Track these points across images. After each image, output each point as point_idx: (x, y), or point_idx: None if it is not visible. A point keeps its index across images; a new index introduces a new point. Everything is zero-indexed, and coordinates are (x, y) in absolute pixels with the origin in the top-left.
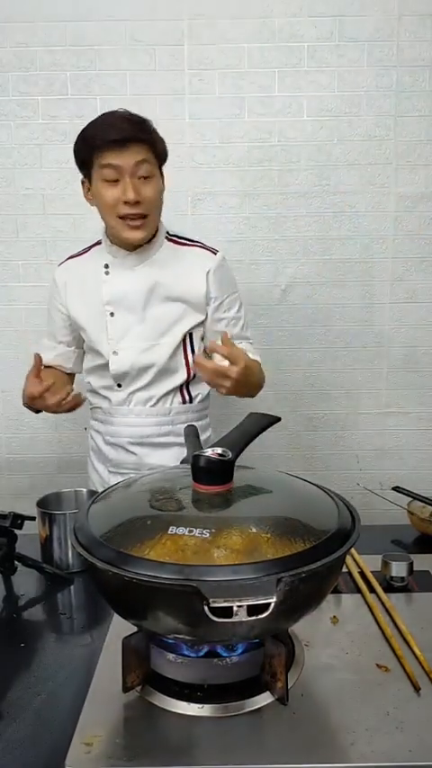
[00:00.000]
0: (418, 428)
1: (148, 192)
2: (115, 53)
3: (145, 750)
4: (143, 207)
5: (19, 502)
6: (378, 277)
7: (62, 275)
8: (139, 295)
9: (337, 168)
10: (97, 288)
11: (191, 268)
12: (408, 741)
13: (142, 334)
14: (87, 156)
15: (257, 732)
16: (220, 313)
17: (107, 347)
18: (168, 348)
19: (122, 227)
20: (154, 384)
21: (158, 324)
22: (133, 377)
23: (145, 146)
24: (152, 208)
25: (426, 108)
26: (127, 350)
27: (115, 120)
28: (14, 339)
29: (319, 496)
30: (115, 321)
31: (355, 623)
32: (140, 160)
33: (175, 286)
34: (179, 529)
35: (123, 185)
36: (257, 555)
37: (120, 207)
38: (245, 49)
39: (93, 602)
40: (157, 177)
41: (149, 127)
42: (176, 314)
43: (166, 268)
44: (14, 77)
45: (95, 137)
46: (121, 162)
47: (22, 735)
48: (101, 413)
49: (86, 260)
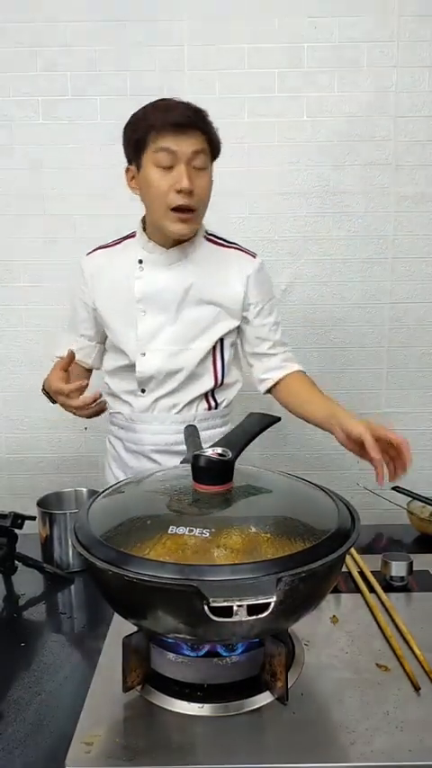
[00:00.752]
0: (418, 428)
1: (202, 183)
2: (115, 53)
3: (145, 750)
4: (195, 199)
5: (19, 502)
6: (378, 277)
7: (90, 266)
8: (173, 295)
9: (337, 168)
10: (129, 283)
11: (229, 271)
12: (408, 741)
13: (173, 337)
14: (143, 136)
15: (257, 732)
16: (262, 318)
17: (135, 347)
18: (199, 353)
19: (170, 219)
20: (180, 390)
21: (191, 327)
22: (159, 382)
23: (204, 136)
24: (202, 202)
25: (426, 108)
26: (155, 352)
27: (176, 104)
28: (14, 339)
29: (319, 496)
30: (146, 320)
31: (354, 623)
32: (198, 149)
33: (212, 288)
34: (179, 528)
35: (178, 172)
36: (257, 554)
37: (171, 196)
38: (245, 49)
39: (93, 602)
40: (209, 171)
41: (207, 117)
42: (210, 317)
43: (203, 269)
44: (14, 77)
45: (155, 117)
46: (180, 147)
47: (22, 735)
48: (121, 419)
49: (118, 252)
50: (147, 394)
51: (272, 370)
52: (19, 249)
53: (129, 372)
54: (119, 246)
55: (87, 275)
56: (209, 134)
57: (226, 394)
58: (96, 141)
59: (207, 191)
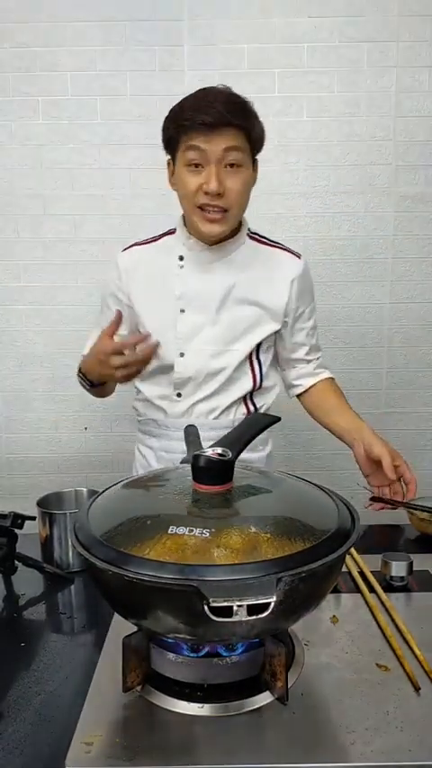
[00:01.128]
0: (418, 428)
1: (234, 183)
2: (115, 53)
3: (145, 750)
4: (224, 200)
5: (19, 502)
6: (378, 277)
7: (126, 261)
8: (214, 294)
9: (337, 168)
10: (167, 280)
11: (274, 273)
12: (408, 741)
13: (213, 338)
14: (174, 134)
15: (257, 732)
16: (301, 323)
17: (173, 347)
18: (239, 356)
19: (199, 219)
20: (219, 394)
21: (232, 328)
22: (197, 385)
23: (238, 131)
24: (235, 202)
25: (426, 108)
26: (195, 353)
27: (211, 98)
28: (14, 339)
29: (319, 496)
30: (185, 319)
31: (354, 623)
32: (230, 147)
33: (255, 290)
34: (179, 528)
35: (207, 173)
36: (257, 555)
37: (199, 196)
38: (245, 50)
39: (93, 602)
40: (246, 168)
41: (248, 110)
42: (252, 320)
43: (247, 269)
44: (14, 77)
45: (184, 115)
46: (208, 146)
47: (22, 735)
48: (154, 426)
49: (157, 248)
50: (183, 398)
51: (304, 376)
52: (19, 249)
53: (164, 375)
54: (157, 243)
55: (122, 270)
56: (247, 130)
57: (265, 398)
58: (96, 141)
59: (241, 191)
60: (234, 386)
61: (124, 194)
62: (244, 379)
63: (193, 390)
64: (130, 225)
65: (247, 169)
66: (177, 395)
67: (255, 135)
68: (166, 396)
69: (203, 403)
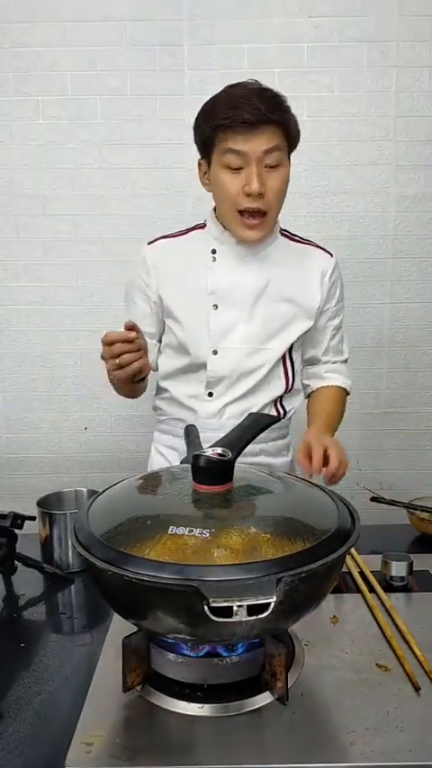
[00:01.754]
0: (418, 428)
1: (275, 183)
2: (115, 53)
3: (145, 750)
4: (265, 201)
5: (19, 502)
6: (378, 277)
7: (154, 255)
8: (249, 290)
9: (337, 168)
10: (200, 275)
11: (307, 269)
12: (408, 741)
13: (248, 335)
14: (209, 135)
15: (257, 732)
16: (325, 320)
17: (207, 344)
18: (275, 354)
19: (239, 225)
20: (253, 394)
21: (267, 326)
22: (230, 384)
23: (278, 129)
24: (275, 202)
25: (426, 108)
26: (229, 350)
27: (247, 94)
28: (14, 339)
29: (319, 496)
30: (219, 315)
31: (355, 623)
32: (272, 147)
33: (289, 287)
34: (179, 529)
35: (248, 174)
36: (257, 555)
37: (240, 199)
38: (245, 50)
39: (93, 602)
40: (285, 167)
41: (285, 105)
42: (287, 317)
43: (280, 265)
44: (14, 77)
45: (221, 114)
46: (249, 148)
47: (22, 735)
48: (180, 426)
49: (186, 242)
50: (214, 398)
51: (314, 377)
52: (19, 249)
53: (194, 374)
54: (186, 236)
55: (150, 265)
56: (285, 126)
57: (293, 402)
58: (96, 141)
59: (281, 191)
60: (267, 387)
61: (124, 194)
62: (277, 381)
63: (225, 390)
64: (130, 225)
65: (286, 168)
66: (209, 394)
67: (292, 131)
68: (196, 395)
69: (236, 403)
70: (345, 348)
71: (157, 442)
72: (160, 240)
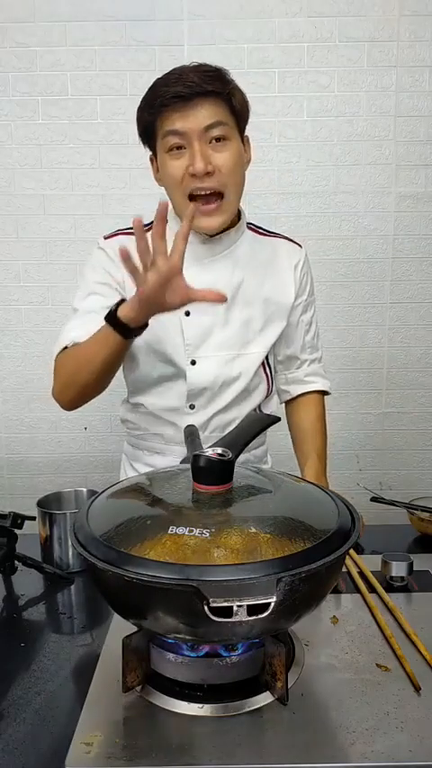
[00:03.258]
0: (418, 428)
1: (222, 159)
2: (115, 53)
3: (145, 750)
4: (215, 180)
5: (19, 502)
6: (378, 277)
7: (112, 249)
8: None
9: (337, 168)
10: None
11: (278, 264)
12: (408, 741)
13: (226, 342)
14: (149, 121)
15: (257, 732)
16: (298, 315)
17: (183, 354)
18: (256, 359)
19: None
20: (238, 403)
21: (245, 329)
22: (213, 394)
23: (219, 102)
24: (228, 181)
25: (426, 108)
26: (208, 359)
27: (181, 70)
28: (14, 339)
29: (319, 496)
30: (191, 322)
31: (355, 623)
32: (213, 122)
33: (263, 284)
34: (179, 529)
35: (190, 153)
36: (257, 555)
37: (187, 182)
38: (245, 49)
39: (93, 602)
40: (235, 141)
41: (225, 77)
42: (264, 317)
43: (251, 262)
44: (14, 77)
45: (155, 96)
46: (188, 125)
47: (22, 735)
48: (158, 441)
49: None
50: (197, 411)
51: (293, 383)
52: (19, 249)
53: (172, 386)
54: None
55: (116, 259)
56: (225, 98)
57: (271, 406)
58: (96, 141)
59: (232, 168)
60: (252, 393)
61: (124, 194)
62: (260, 386)
63: (208, 401)
64: (130, 225)
65: (236, 143)
66: (190, 407)
67: (237, 104)
68: (175, 408)
69: (221, 415)
70: (319, 344)
71: (132, 459)
72: (118, 236)
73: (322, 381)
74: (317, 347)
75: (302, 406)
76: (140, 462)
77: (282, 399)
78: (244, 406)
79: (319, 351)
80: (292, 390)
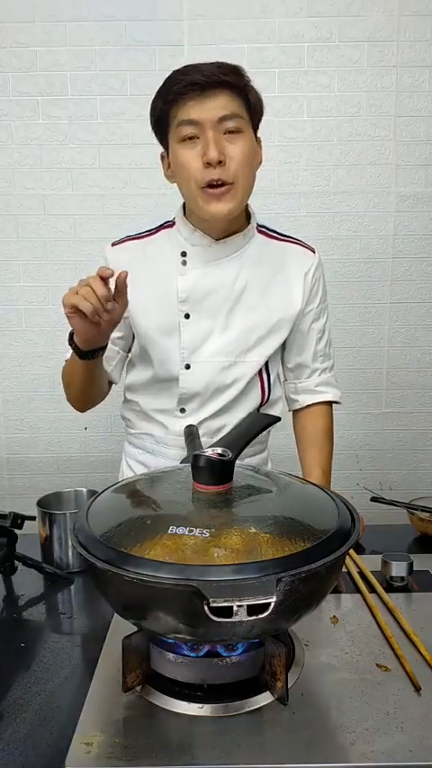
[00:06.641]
0: (418, 428)
1: (236, 150)
2: (115, 53)
3: (145, 750)
4: (226, 171)
5: (19, 502)
6: (378, 277)
7: (118, 256)
8: (224, 296)
9: (337, 168)
10: (169, 281)
11: (288, 270)
12: (408, 741)
13: (224, 347)
14: (164, 110)
15: (257, 732)
16: (309, 322)
17: (177, 358)
18: (253, 368)
19: (203, 199)
20: (229, 410)
21: (245, 336)
22: (205, 400)
23: (234, 93)
24: (240, 173)
25: (426, 108)
26: (203, 364)
27: (199, 64)
28: (14, 339)
29: (319, 496)
30: (190, 325)
31: (355, 623)
32: (228, 114)
33: (269, 291)
34: (179, 528)
35: (204, 142)
36: (257, 555)
37: (202, 173)
38: (245, 50)
39: (93, 602)
40: (248, 136)
41: (241, 72)
42: (267, 326)
43: (258, 267)
44: (14, 77)
45: (172, 84)
46: (202, 114)
47: (22, 735)
48: (150, 441)
49: (154, 244)
50: (187, 414)
51: (303, 392)
52: (19, 249)
53: (164, 388)
54: (153, 237)
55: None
56: (242, 91)
57: (274, 412)
58: (96, 141)
59: (244, 160)
60: (244, 402)
61: (124, 194)
62: (254, 394)
63: (199, 406)
64: (130, 225)
65: (249, 136)
66: (181, 410)
67: (252, 99)
68: (166, 410)
69: (211, 421)
70: (331, 352)
71: (128, 456)
72: (126, 242)
73: (333, 391)
74: (329, 355)
75: (310, 417)
76: (135, 460)
77: (290, 408)
78: (235, 414)
79: (331, 359)
80: (301, 400)
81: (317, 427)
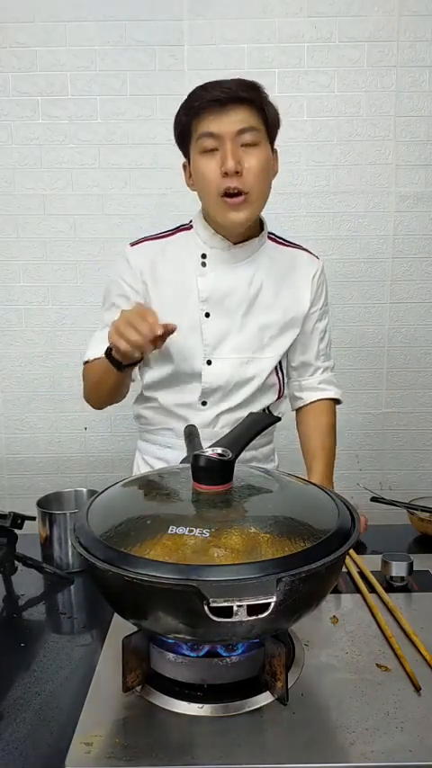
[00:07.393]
0: (418, 428)
1: (252, 162)
2: (115, 53)
3: (145, 750)
4: (243, 181)
5: (19, 502)
6: (378, 277)
7: (140, 257)
8: (241, 297)
9: (337, 168)
10: (189, 281)
11: (296, 274)
12: (408, 741)
13: (241, 345)
14: (186, 124)
15: (257, 732)
16: (313, 322)
17: (200, 354)
18: (271, 363)
19: (221, 207)
20: (249, 403)
21: (261, 334)
22: (226, 393)
23: (252, 108)
24: (255, 184)
25: (426, 108)
26: (224, 360)
27: (220, 81)
28: (14, 339)
29: (319, 496)
30: (210, 324)
31: (355, 623)
32: (246, 127)
33: (281, 293)
34: (179, 528)
35: (222, 153)
36: (257, 555)
37: (220, 182)
38: (245, 49)
39: (93, 602)
40: (264, 148)
41: (260, 88)
42: (280, 324)
43: (271, 270)
44: (14, 77)
45: (194, 101)
46: (222, 128)
47: (22, 735)
48: (171, 436)
49: (172, 245)
50: (208, 407)
51: (307, 390)
52: (19, 249)
53: (186, 382)
54: (171, 239)
55: (136, 267)
56: (259, 106)
57: (280, 408)
58: (96, 141)
59: (260, 172)
60: (262, 396)
61: (124, 194)
62: (271, 389)
63: (220, 399)
64: (130, 225)
65: (265, 149)
66: (203, 403)
67: (270, 114)
68: (188, 404)
69: (229, 414)
70: (331, 353)
71: (144, 453)
72: (145, 242)
73: (335, 390)
74: (329, 356)
75: (314, 414)
76: (152, 456)
77: (294, 406)
78: (254, 406)
79: (331, 360)
80: (305, 397)
81: (321, 423)
